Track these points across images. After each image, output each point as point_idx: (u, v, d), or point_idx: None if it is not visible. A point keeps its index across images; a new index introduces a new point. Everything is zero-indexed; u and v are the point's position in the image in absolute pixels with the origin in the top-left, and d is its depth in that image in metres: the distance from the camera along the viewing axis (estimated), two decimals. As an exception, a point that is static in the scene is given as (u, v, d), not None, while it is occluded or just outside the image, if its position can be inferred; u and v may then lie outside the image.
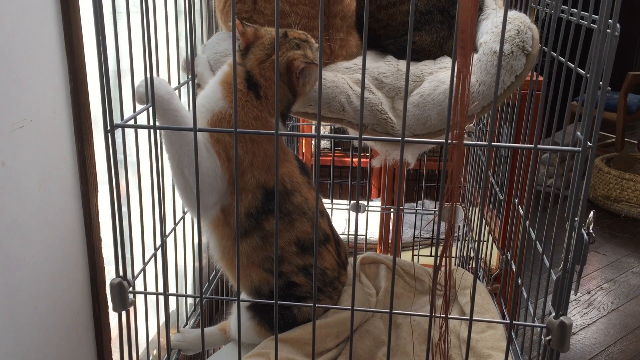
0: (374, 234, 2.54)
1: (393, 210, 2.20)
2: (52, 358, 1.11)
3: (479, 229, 1.07)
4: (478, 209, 1.73)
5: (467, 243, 1.81)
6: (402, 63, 1.16)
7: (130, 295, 0.90)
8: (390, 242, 2.29)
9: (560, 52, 0.96)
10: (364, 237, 2.07)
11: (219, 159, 0.99)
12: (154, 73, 0.90)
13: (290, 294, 1.08)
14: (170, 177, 1.00)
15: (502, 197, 1.39)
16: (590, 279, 2.93)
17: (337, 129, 2.66)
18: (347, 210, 1.95)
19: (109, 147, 0.83)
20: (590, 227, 0.83)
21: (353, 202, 1.86)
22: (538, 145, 0.79)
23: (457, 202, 0.80)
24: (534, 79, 1.12)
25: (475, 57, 1.07)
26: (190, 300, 1.72)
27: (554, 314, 0.85)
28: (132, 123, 0.87)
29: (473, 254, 1.72)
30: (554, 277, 0.85)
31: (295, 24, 1.10)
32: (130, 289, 0.89)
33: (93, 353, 1.26)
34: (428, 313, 0.84)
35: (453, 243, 1.37)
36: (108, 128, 0.83)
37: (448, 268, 0.84)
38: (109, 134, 0.83)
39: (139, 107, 0.93)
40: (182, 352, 1.21)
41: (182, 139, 0.95)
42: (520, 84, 1.05)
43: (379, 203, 2.51)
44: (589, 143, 0.77)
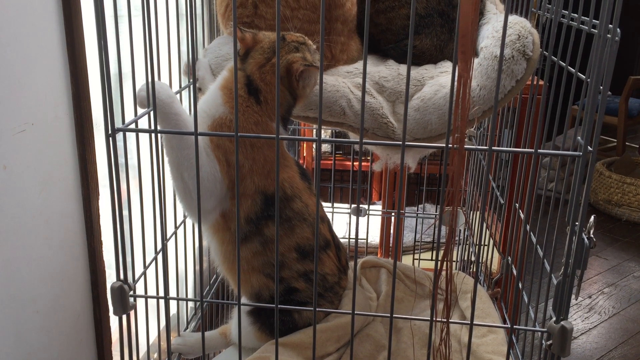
0: (375, 238, 2.53)
1: (394, 214, 2.20)
2: (52, 361, 1.11)
3: (480, 233, 1.07)
4: (479, 213, 1.73)
5: (467, 247, 1.81)
6: (402, 67, 1.16)
7: (131, 299, 0.89)
8: (391, 246, 2.29)
9: (561, 56, 0.96)
10: (365, 241, 2.06)
11: (219, 164, 0.99)
12: (155, 77, 0.90)
13: (291, 299, 1.08)
14: (171, 180, 1.00)
15: (502, 201, 1.39)
16: (592, 283, 2.93)
17: (338, 133, 2.66)
18: (348, 214, 1.95)
19: (110, 150, 0.84)
20: (591, 231, 0.83)
21: (354, 206, 1.86)
22: (539, 150, 0.79)
23: (458, 206, 0.80)
24: (535, 84, 1.12)
25: (476, 61, 1.07)
26: (191, 304, 1.72)
27: (555, 319, 0.85)
28: (133, 127, 0.87)
29: (474, 258, 1.72)
30: (555, 281, 0.85)
31: (296, 29, 1.10)
32: (131, 293, 0.89)
33: (94, 356, 1.26)
34: (429, 317, 0.84)
35: (454, 247, 1.36)
36: (109, 132, 0.83)
37: (449, 272, 0.83)
38: (110, 138, 0.83)
39: (140, 110, 0.93)
40: (182, 355, 1.21)
41: (182, 143, 0.95)
42: (521, 89, 1.05)
43: (380, 207, 2.51)
44: (590, 147, 0.77)
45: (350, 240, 1.99)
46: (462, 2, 0.72)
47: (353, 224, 2.27)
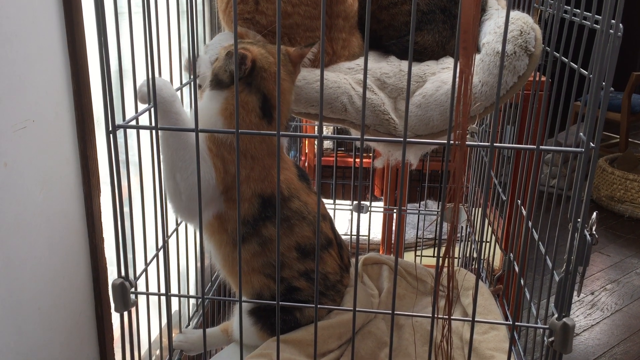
0: (377, 235, 2.53)
1: (395, 211, 2.20)
2: (54, 358, 1.11)
3: (482, 230, 1.07)
4: (481, 210, 1.73)
5: (469, 244, 1.80)
6: (404, 63, 1.16)
7: (133, 296, 0.89)
8: (393, 242, 2.29)
9: (563, 52, 0.95)
10: (367, 237, 2.06)
11: (215, 171, 0.99)
12: (156, 74, 0.90)
13: (292, 299, 1.08)
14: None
15: (504, 197, 1.39)
16: (594, 280, 2.92)
17: (339, 130, 2.66)
18: (349, 211, 1.95)
19: (111, 147, 0.83)
20: (593, 228, 0.83)
21: (355, 202, 1.86)
22: (541, 146, 0.79)
23: (459, 202, 0.80)
24: (537, 80, 1.11)
25: (478, 57, 1.07)
26: (193, 301, 1.72)
27: (557, 315, 0.84)
28: (134, 124, 0.87)
29: (476, 255, 1.71)
30: (557, 278, 0.85)
31: (297, 25, 1.10)
32: (133, 290, 0.89)
33: (95, 353, 1.26)
34: (430, 314, 0.83)
35: (456, 244, 1.36)
36: (110, 129, 0.83)
37: (450, 269, 0.83)
38: (111, 135, 0.83)
39: (141, 107, 0.93)
40: (184, 352, 1.21)
41: (179, 143, 0.95)
42: (523, 85, 1.05)
43: (382, 203, 2.50)
44: (592, 144, 0.77)
45: (352, 237, 1.99)
46: (463, -3, 0.71)
47: (355, 221, 2.27)
